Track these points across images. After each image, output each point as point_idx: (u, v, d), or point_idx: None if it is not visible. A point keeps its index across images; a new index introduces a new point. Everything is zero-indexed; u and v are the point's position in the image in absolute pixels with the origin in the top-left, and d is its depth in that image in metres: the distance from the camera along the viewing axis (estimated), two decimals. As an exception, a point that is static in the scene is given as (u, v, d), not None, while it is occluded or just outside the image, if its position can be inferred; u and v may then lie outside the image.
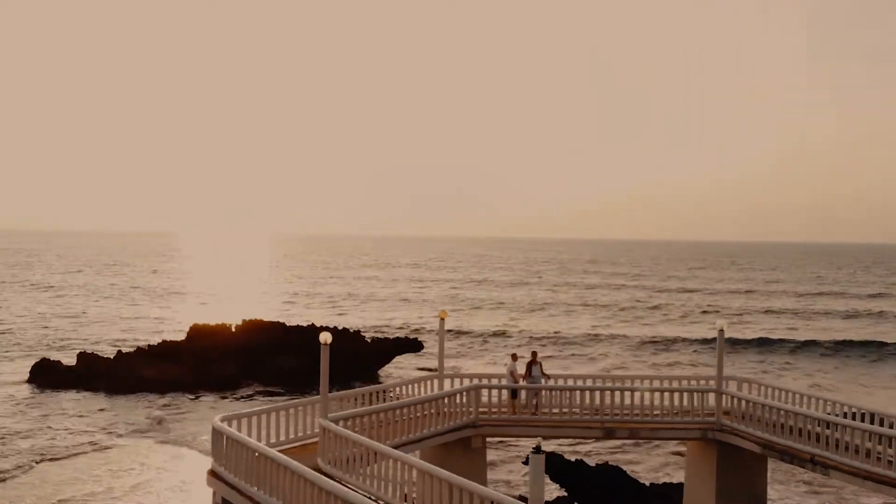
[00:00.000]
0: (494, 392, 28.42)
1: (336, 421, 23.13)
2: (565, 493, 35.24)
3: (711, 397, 27.70)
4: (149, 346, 65.00)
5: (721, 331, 27.48)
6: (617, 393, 27.72)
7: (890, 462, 22.43)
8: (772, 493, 31.47)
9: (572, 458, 36.18)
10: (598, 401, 27.50)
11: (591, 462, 36.33)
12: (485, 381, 28.50)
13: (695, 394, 27.90)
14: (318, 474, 17.43)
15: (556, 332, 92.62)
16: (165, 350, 63.91)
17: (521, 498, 33.04)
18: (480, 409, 27.53)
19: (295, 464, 17.86)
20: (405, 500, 18.68)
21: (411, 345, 65.03)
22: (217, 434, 21.40)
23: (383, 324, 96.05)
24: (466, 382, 28.72)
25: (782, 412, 25.55)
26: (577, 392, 27.93)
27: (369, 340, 65.54)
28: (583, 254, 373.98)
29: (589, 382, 28.80)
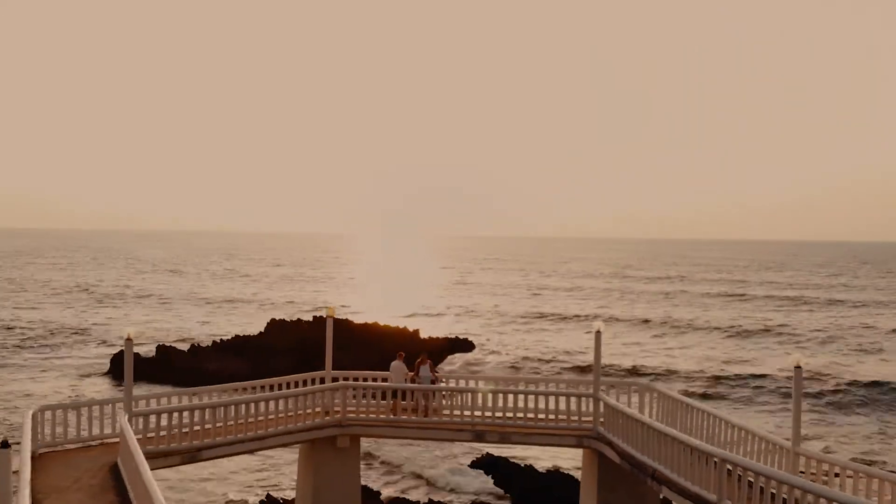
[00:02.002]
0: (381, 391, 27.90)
1: (146, 416, 23.59)
2: (509, 499, 34.25)
3: (588, 403, 26.09)
4: (221, 339, 68.06)
5: (598, 332, 25.85)
6: (489, 395, 26.62)
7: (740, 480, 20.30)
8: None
9: (522, 464, 35.04)
10: (468, 402, 26.57)
11: (542, 468, 34.95)
12: (354, 381, 28.09)
13: (571, 398, 26.39)
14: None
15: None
16: (236, 344, 66.83)
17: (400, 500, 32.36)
18: (354, 409, 27.19)
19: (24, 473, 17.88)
20: None
21: (463, 344, 64.99)
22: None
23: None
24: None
25: (634, 422, 23.71)
26: (448, 393, 27.05)
27: (424, 338, 65.84)
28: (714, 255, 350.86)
29: (462, 384, 27.81)
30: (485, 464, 35.28)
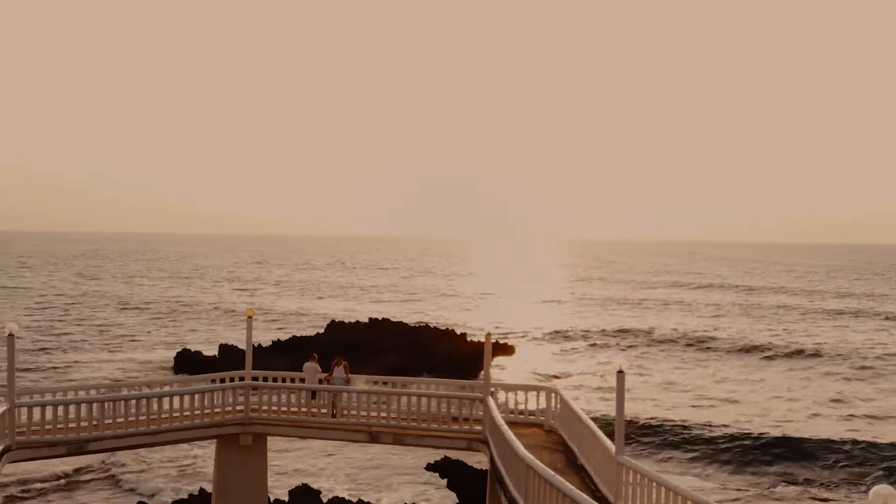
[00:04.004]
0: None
1: (30, 408, 24.73)
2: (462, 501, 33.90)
3: (478, 405, 25.63)
4: (279, 339, 70.19)
5: (488, 334, 25.38)
6: (383, 396, 26.60)
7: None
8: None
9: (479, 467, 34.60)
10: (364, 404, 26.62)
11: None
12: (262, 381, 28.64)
13: (464, 401, 26.00)
14: None
15: None
16: (293, 344, 68.77)
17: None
18: (258, 408, 27.71)
19: None
20: None
21: (503, 349, 64.81)
22: None
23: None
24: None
25: (496, 426, 23.13)
26: (345, 394, 27.15)
27: (469, 341, 65.99)
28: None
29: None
30: (440, 466, 35.10)
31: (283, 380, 29.40)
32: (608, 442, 21.44)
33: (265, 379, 29.53)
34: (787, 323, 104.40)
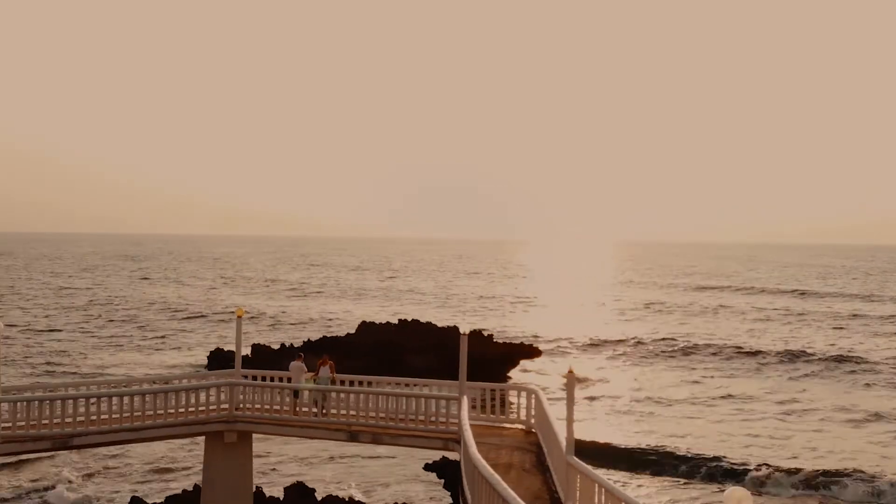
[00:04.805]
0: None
1: (13, 403, 25.48)
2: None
3: (453, 405, 25.73)
4: (309, 339, 70.94)
5: (464, 333, 25.41)
6: (362, 396, 26.85)
7: None
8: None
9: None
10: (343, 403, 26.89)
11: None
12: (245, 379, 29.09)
13: (440, 401, 26.13)
14: None
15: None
16: (322, 344, 69.33)
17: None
18: (247, 406, 28.17)
19: None
20: None
21: (530, 351, 64.64)
22: None
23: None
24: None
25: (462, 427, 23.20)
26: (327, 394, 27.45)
27: (496, 343, 66.00)
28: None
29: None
30: (437, 466, 35.21)
31: (272, 379, 29.82)
32: (562, 440, 21.42)
33: (254, 378, 30.04)
34: (834, 331, 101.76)
